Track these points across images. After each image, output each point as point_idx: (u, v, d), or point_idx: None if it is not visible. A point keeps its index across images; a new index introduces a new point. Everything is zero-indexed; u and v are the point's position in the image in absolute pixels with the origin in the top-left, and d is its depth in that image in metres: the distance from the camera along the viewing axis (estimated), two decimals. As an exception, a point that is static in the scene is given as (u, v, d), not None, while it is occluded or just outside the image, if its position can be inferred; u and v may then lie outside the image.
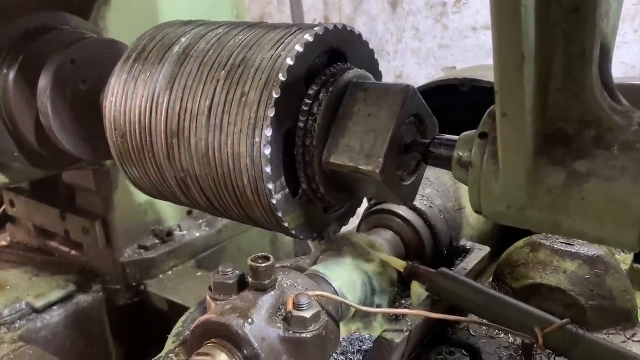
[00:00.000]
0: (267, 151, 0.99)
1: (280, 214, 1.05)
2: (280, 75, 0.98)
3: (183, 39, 1.16)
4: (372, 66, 1.19)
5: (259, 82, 1.00)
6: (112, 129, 1.23)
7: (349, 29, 1.10)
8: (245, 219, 1.15)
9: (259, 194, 1.03)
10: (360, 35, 1.14)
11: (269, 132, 0.99)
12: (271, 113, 0.98)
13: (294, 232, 1.11)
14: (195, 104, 1.07)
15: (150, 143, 1.16)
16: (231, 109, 1.02)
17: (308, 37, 1.02)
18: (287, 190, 1.07)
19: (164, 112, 1.12)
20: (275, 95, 0.98)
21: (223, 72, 1.05)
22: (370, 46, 1.19)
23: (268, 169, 1.00)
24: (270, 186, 1.02)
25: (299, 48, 1.00)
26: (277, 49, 1.02)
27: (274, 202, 1.03)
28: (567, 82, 0.80)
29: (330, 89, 1.05)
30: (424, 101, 1.06)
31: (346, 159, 1.02)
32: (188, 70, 1.10)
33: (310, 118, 1.04)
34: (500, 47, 0.71)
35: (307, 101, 1.04)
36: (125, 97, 1.19)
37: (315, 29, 1.04)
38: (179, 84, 1.10)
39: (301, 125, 1.04)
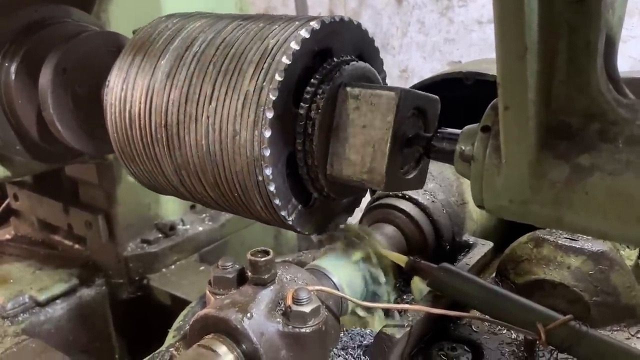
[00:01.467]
0: (272, 187, 1.00)
1: (298, 229, 1.09)
2: (268, 113, 0.96)
3: (162, 62, 1.12)
4: (362, 41, 1.13)
5: (247, 120, 0.98)
6: (119, 152, 1.25)
7: (327, 22, 1.03)
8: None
9: (274, 217, 1.07)
10: (341, 20, 1.06)
11: (269, 171, 0.99)
12: (267, 152, 0.98)
13: (314, 235, 1.14)
14: (191, 139, 1.06)
15: (162, 171, 1.17)
16: (227, 147, 1.02)
17: (285, 60, 0.97)
18: (300, 206, 1.09)
19: (164, 146, 1.11)
20: (267, 135, 0.97)
21: (210, 106, 1.02)
22: (362, 26, 1.12)
23: (277, 201, 1.02)
24: (283, 212, 1.04)
25: (278, 77, 0.96)
26: (258, 78, 0.98)
27: (290, 222, 1.07)
28: (571, 74, 0.78)
29: (321, 104, 1.01)
30: (419, 93, 1.03)
31: (349, 173, 1.02)
32: (176, 103, 1.07)
33: (306, 139, 1.02)
34: (503, 38, 0.70)
35: (300, 122, 1.01)
36: (125, 130, 1.19)
37: (292, 44, 0.97)
38: (172, 118, 1.08)
39: (299, 147, 1.03)
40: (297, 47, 0.98)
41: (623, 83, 0.83)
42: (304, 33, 0.99)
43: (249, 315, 0.89)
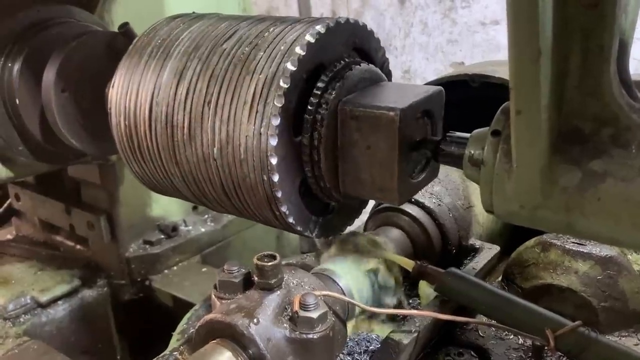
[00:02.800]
0: (291, 219, 1.01)
1: (322, 237, 1.12)
2: (272, 159, 0.95)
3: (158, 99, 1.08)
4: (354, 35, 1.07)
5: (253, 164, 0.96)
6: (135, 175, 1.24)
7: (312, 40, 0.96)
8: None
9: (295, 233, 1.08)
10: (327, 31, 0.99)
11: (284, 208, 0.99)
12: (279, 194, 0.97)
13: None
14: (204, 177, 1.06)
15: (175, 187, 1.16)
16: (240, 187, 1.01)
17: (278, 103, 0.93)
18: (320, 219, 1.09)
19: (180, 179, 1.11)
20: (275, 179, 0.96)
21: (215, 149, 1.01)
22: (350, 20, 1.05)
23: (298, 228, 1.03)
24: (306, 233, 1.06)
25: (275, 122, 0.93)
26: (255, 122, 0.95)
27: (314, 236, 1.08)
28: (584, 78, 0.77)
29: (323, 132, 0.98)
30: (419, 100, 0.99)
31: (362, 192, 1.03)
32: (182, 144, 1.06)
33: (314, 166, 1.01)
34: (516, 42, 0.68)
35: (305, 152, 1.00)
36: (138, 162, 1.18)
37: (281, 82, 0.93)
38: (180, 157, 1.08)
39: (309, 174, 1.02)
40: (287, 85, 0.94)
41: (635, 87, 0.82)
42: (291, 66, 0.94)
43: (255, 320, 0.88)
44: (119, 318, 2.31)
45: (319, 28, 0.98)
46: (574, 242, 1.20)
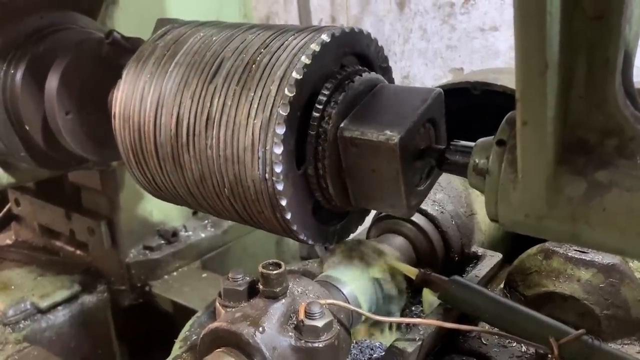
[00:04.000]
0: (311, 241, 1.06)
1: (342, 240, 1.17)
2: (282, 201, 0.97)
3: (160, 140, 1.08)
4: (344, 45, 1.03)
5: (264, 205, 0.98)
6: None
7: (300, 76, 0.94)
8: None
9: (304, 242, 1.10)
10: (314, 60, 0.96)
11: (302, 236, 1.03)
12: (294, 227, 1.01)
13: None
14: (217, 206, 1.07)
15: (190, 205, 1.18)
16: (257, 219, 1.04)
17: (277, 151, 0.93)
18: (338, 226, 1.12)
19: (194, 204, 1.13)
20: (288, 217, 0.99)
21: (225, 189, 1.02)
22: (335, 34, 1.01)
23: (319, 244, 1.09)
24: (327, 245, 1.11)
25: (277, 169, 0.94)
26: (259, 168, 0.95)
27: (333, 245, 1.13)
28: (589, 90, 0.78)
29: (326, 163, 0.99)
30: (418, 114, 0.98)
31: (373, 207, 1.08)
32: (193, 181, 1.07)
33: (324, 192, 1.03)
34: (523, 55, 0.69)
35: (312, 180, 1.01)
36: (156, 191, 1.20)
37: (277, 129, 0.93)
38: (194, 190, 1.09)
39: (320, 198, 1.04)
40: (282, 131, 0.94)
41: None
42: (283, 111, 0.93)
43: (261, 329, 0.88)
44: (119, 324, 2.31)
45: (304, 59, 0.95)
46: (576, 250, 1.20)
